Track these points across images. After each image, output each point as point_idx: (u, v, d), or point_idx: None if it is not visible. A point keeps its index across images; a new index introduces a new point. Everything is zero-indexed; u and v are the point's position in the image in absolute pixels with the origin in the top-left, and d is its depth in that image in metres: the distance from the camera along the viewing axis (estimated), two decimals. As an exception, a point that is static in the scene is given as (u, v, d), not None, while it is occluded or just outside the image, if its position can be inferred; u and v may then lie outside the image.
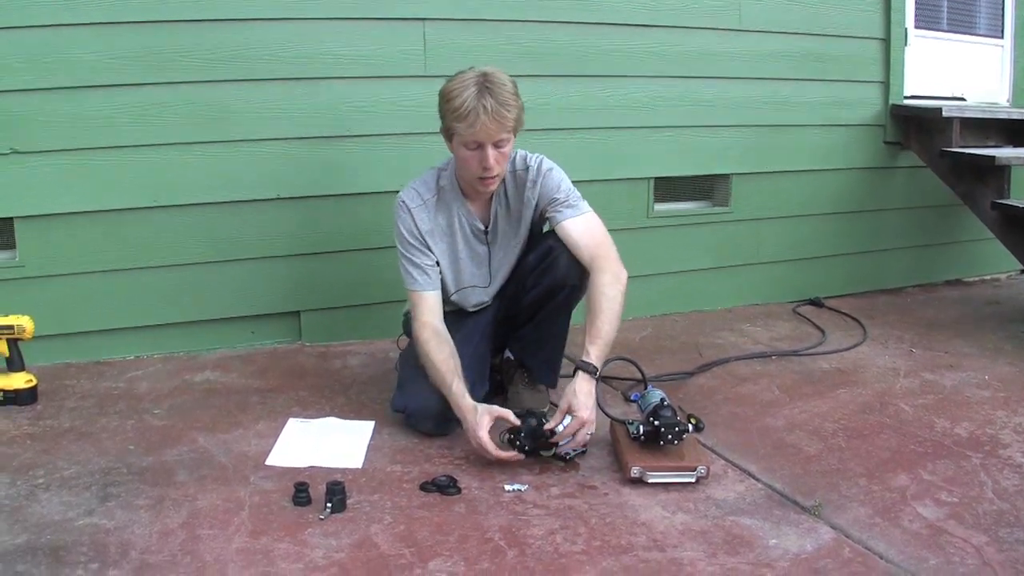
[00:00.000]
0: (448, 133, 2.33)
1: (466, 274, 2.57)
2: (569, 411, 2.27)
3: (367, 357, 3.15)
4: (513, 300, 2.61)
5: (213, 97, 2.97)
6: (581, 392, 2.28)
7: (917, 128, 4.08)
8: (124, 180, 2.93)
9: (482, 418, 2.26)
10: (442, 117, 2.33)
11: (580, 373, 2.31)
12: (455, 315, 2.61)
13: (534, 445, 2.26)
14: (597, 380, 2.33)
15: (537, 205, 2.50)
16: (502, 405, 2.36)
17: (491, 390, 2.63)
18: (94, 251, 2.96)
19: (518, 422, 2.27)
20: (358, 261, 3.25)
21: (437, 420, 2.42)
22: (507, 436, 2.27)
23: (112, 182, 2.92)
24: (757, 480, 2.26)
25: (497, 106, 2.23)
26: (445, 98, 2.29)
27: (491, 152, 2.28)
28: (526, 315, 2.59)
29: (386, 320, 3.14)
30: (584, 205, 2.49)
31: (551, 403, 2.62)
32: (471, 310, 2.64)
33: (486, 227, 2.53)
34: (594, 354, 2.32)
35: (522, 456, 2.27)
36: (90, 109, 2.85)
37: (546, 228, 2.60)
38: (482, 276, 2.59)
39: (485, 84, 2.24)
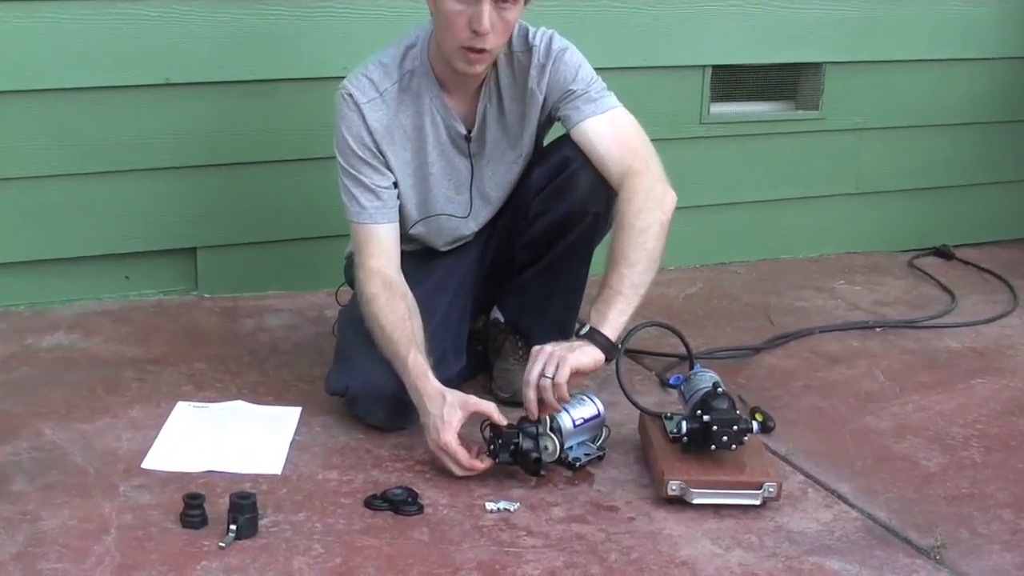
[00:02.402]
0: None
1: (438, 197, 2.55)
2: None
3: (292, 316, 3.16)
4: (508, 235, 2.61)
5: (72, -68, 2.92)
6: (560, 344, 2.27)
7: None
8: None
9: (451, 412, 2.25)
10: None
11: (578, 342, 2.28)
12: (421, 256, 2.61)
13: (512, 462, 2.25)
14: (619, 356, 2.31)
15: (546, 100, 2.49)
16: (487, 390, 2.34)
17: (470, 366, 2.63)
18: None
19: (505, 423, 2.25)
20: (283, 178, 3.24)
21: (392, 407, 2.42)
22: (487, 432, 2.26)
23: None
24: (851, 506, 2.27)
25: None
26: None
27: (487, 9, 2.25)
28: (527, 257, 2.59)
29: (320, 263, 3.15)
30: (612, 98, 2.47)
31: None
32: (443, 249, 2.64)
33: (469, 132, 2.51)
34: (611, 318, 2.29)
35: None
36: None
37: (549, 140, 2.59)
38: (461, 202, 2.58)
39: None
